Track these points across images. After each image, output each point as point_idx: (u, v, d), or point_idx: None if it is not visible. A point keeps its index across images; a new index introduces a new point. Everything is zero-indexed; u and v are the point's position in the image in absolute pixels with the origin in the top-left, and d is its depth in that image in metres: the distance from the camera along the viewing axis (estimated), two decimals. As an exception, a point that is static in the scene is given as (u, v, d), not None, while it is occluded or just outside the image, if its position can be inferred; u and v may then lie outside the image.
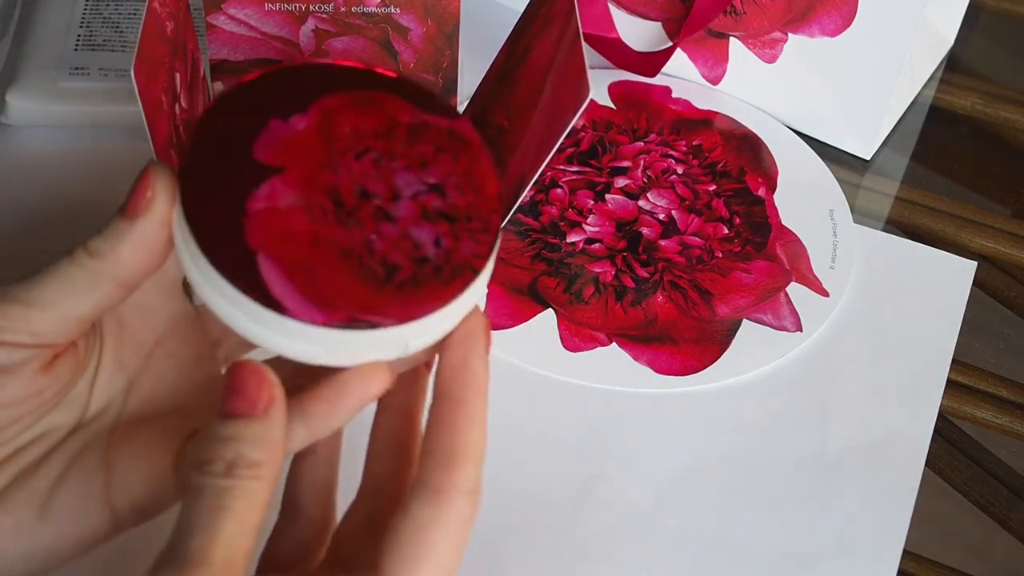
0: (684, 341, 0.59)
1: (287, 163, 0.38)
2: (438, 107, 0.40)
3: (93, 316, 0.41)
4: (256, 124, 0.39)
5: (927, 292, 0.62)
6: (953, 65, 0.75)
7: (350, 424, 0.41)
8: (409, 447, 0.42)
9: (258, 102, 0.40)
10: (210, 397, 0.44)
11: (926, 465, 0.56)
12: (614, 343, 0.59)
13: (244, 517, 0.36)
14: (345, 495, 0.44)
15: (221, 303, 0.38)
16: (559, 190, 0.65)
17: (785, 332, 0.60)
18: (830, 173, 0.67)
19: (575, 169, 0.66)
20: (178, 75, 0.54)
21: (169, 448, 0.42)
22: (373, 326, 0.37)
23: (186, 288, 0.44)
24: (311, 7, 0.59)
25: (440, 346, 0.40)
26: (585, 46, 0.50)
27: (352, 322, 0.37)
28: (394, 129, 0.39)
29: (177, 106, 0.53)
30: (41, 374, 0.40)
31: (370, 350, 0.38)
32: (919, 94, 0.72)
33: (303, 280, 0.37)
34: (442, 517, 0.37)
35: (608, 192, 0.65)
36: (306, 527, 0.43)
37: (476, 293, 0.39)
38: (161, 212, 0.39)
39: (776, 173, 0.67)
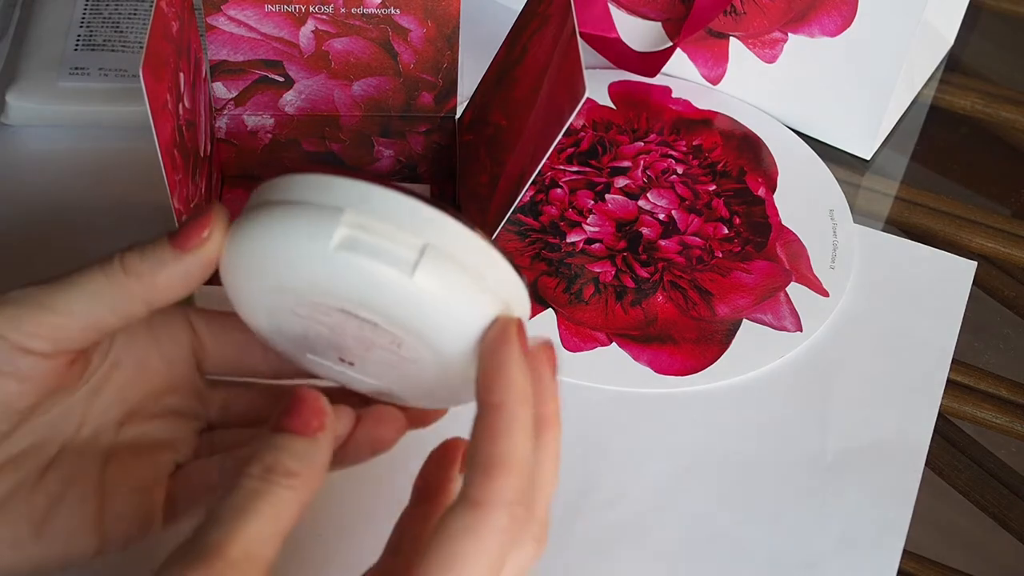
0: (684, 341, 0.59)
1: None
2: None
3: (114, 328, 0.41)
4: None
5: (927, 292, 0.62)
6: (953, 65, 0.74)
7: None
8: (451, 459, 0.43)
9: None
10: (197, 436, 0.45)
11: (926, 465, 0.56)
12: (614, 343, 0.59)
13: (268, 522, 0.36)
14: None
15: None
16: (559, 190, 0.65)
17: (785, 332, 0.60)
18: (830, 173, 0.67)
19: (575, 169, 0.66)
20: (182, 75, 0.54)
21: (160, 483, 0.43)
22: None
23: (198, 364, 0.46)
24: (311, 8, 0.59)
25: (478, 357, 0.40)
26: (584, 45, 0.50)
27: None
28: None
29: (181, 106, 0.53)
30: (53, 379, 0.41)
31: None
32: (919, 94, 0.72)
33: None
34: (476, 528, 0.36)
35: (608, 192, 0.65)
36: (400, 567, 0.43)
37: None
38: (213, 252, 0.40)
39: (776, 173, 0.67)
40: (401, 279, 0.38)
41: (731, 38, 0.68)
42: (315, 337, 0.41)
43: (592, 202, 0.64)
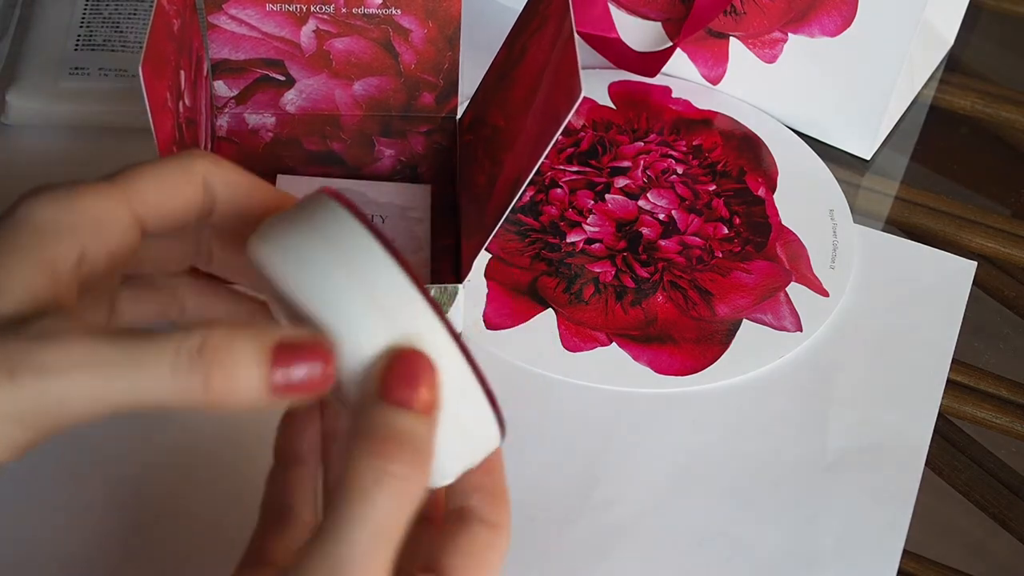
0: (684, 341, 0.59)
1: None
2: None
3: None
4: None
5: (927, 292, 0.62)
6: (953, 65, 0.75)
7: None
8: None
9: None
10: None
11: (926, 465, 0.56)
12: (614, 343, 0.59)
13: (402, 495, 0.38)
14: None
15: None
16: (559, 190, 0.65)
17: (785, 332, 0.60)
18: (830, 173, 0.67)
19: (575, 169, 0.66)
20: (183, 73, 0.54)
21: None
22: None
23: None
24: (312, 8, 0.60)
25: None
26: (584, 45, 0.50)
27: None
28: None
29: (181, 104, 0.53)
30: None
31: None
32: (919, 94, 0.73)
33: None
34: (496, 543, 0.42)
35: (608, 192, 0.65)
36: (303, 528, 0.44)
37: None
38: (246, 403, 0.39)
39: (776, 173, 0.67)
40: None
41: (731, 38, 0.68)
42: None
43: (592, 202, 0.64)
